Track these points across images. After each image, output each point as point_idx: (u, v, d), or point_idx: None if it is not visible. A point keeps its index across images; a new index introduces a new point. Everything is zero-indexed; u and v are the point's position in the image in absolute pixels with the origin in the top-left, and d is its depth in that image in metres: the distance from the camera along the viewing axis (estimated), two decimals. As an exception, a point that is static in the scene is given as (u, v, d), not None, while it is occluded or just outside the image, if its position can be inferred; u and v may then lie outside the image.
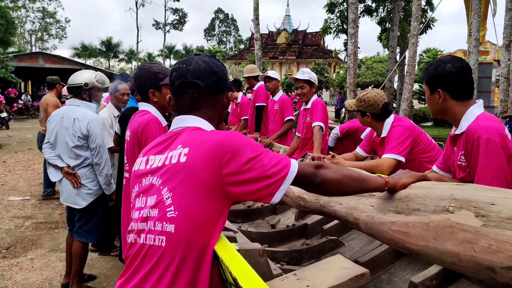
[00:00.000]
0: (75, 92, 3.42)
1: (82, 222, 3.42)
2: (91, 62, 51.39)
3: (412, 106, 16.78)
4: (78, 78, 3.42)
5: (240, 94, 6.75)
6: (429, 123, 19.43)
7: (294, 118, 5.16)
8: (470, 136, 1.82)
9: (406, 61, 14.60)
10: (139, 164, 1.43)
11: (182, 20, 49.93)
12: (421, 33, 17.30)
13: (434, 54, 35.92)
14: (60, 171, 3.38)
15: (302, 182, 1.35)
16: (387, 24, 23.30)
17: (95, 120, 3.36)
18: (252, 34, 18.30)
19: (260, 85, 5.71)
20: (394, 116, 3.00)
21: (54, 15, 49.65)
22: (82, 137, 3.32)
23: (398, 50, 22.98)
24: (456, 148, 2.01)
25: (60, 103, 6.37)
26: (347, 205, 1.86)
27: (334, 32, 24.02)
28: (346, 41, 20.83)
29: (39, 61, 26.27)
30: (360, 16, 21.55)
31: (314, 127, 4.10)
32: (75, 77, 3.45)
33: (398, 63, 20.35)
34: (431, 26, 23.87)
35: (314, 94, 4.37)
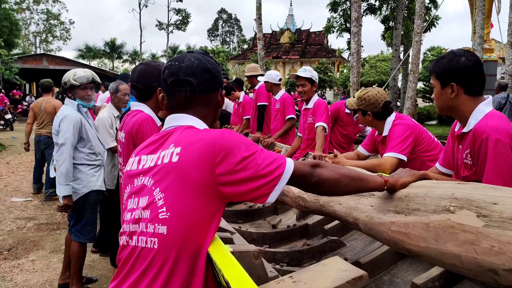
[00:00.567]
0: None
1: (73, 222, 3.44)
2: (95, 63, 51.54)
3: (417, 105, 16.70)
4: (64, 77, 3.44)
5: (242, 94, 6.71)
6: (433, 122, 19.30)
7: (295, 116, 5.12)
8: (479, 135, 1.77)
9: (410, 59, 14.51)
10: (131, 164, 1.40)
11: (185, 21, 49.89)
12: (425, 31, 17.21)
13: (438, 52, 35.65)
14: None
15: (298, 181, 1.31)
16: (390, 23, 23.16)
17: (68, 117, 3.32)
18: (255, 34, 18.24)
19: (262, 84, 5.68)
20: (396, 114, 2.96)
21: (58, 17, 49.83)
22: (56, 133, 3.35)
23: (402, 48, 22.84)
24: (461, 146, 1.96)
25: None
26: (347, 205, 1.82)
27: (337, 31, 23.90)
28: (349, 40, 20.75)
29: (43, 62, 26.36)
30: (363, 15, 21.42)
31: (317, 127, 4.07)
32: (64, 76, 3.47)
33: (402, 61, 20.22)
34: (435, 24, 23.72)
35: (315, 93, 4.34)
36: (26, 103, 24.21)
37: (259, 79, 5.64)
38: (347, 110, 4.91)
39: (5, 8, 18.96)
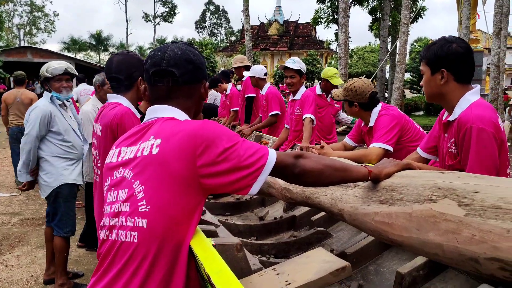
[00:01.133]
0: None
1: (51, 215, 3.45)
2: (81, 56, 50.76)
3: (404, 96, 16.81)
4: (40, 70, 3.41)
5: (229, 86, 6.66)
6: (420, 112, 19.47)
7: (279, 112, 5.01)
8: (463, 124, 1.77)
9: (397, 50, 14.58)
10: (111, 156, 1.37)
11: (172, 12, 49.42)
12: (412, 22, 17.26)
13: (425, 43, 35.90)
14: None
15: (281, 172, 1.30)
16: (378, 14, 23.22)
17: (37, 108, 3.31)
18: (243, 25, 18.10)
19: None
20: (382, 105, 2.96)
21: (42, 9, 48.89)
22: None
23: (389, 39, 22.93)
24: (447, 134, 1.96)
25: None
26: (332, 196, 1.81)
27: (325, 23, 23.93)
28: (337, 31, 20.75)
29: (28, 55, 25.82)
30: (350, 6, 21.42)
31: (305, 119, 4.06)
32: None
33: (389, 52, 20.30)
34: (422, 15, 23.87)
35: (303, 85, 4.32)
36: (11, 97, 23.80)
37: (244, 73, 5.59)
38: (318, 92, 4.97)
39: (-13, 0, 18.54)
